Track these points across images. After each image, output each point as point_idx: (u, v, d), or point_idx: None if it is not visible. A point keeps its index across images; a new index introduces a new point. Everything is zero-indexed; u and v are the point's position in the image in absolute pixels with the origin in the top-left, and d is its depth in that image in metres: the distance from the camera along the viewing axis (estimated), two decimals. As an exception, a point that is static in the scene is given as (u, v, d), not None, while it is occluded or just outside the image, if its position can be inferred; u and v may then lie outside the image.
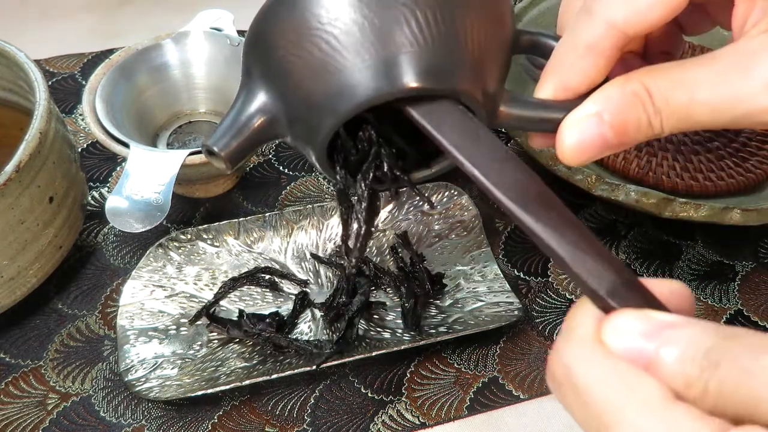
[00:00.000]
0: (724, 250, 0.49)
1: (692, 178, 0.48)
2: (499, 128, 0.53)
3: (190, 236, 0.45)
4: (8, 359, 0.41)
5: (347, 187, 0.28)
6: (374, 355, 0.39)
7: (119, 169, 0.53)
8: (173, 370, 0.39)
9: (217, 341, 0.41)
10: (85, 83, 0.51)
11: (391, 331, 0.42)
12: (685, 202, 0.42)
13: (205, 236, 0.45)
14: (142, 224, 0.39)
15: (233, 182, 0.52)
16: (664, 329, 0.18)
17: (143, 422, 0.39)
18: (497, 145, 0.23)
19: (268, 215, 0.47)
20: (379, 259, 0.46)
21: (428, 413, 0.40)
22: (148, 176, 0.41)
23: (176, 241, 0.45)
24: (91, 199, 0.50)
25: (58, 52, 0.62)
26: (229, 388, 0.38)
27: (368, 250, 0.47)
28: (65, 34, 0.65)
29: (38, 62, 0.48)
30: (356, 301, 0.41)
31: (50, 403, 0.40)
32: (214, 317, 0.42)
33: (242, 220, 0.46)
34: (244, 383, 0.38)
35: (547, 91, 0.25)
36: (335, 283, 0.44)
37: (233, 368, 0.39)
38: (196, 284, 0.44)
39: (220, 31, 0.51)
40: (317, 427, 0.39)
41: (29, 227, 0.38)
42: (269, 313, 0.42)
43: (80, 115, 0.57)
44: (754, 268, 0.48)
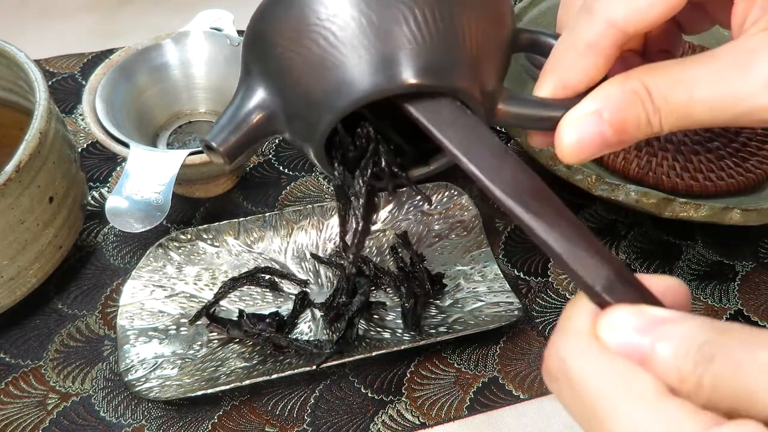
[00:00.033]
0: (724, 250, 0.49)
1: (692, 178, 0.48)
2: (497, 126, 0.53)
3: (190, 236, 0.45)
4: (8, 359, 0.41)
5: (345, 183, 0.28)
6: (374, 355, 0.39)
7: (119, 169, 0.53)
8: (173, 370, 0.39)
9: (217, 341, 0.41)
10: (85, 83, 0.51)
11: (391, 331, 0.42)
12: (685, 202, 0.42)
13: (205, 236, 0.45)
14: (142, 224, 0.39)
15: (233, 182, 0.52)
16: (658, 324, 0.18)
17: (143, 422, 0.39)
18: (495, 141, 0.23)
19: (268, 215, 0.47)
20: (379, 259, 0.46)
21: (428, 413, 0.40)
22: (148, 176, 0.41)
23: (176, 241, 0.45)
24: (91, 199, 0.50)
25: (58, 52, 0.62)
26: (229, 388, 0.38)
27: (368, 250, 0.47)
28: (65, 34, 0.65)
29: (38, 62, 0.48)
30: (356, 301, 0.41)
31: (50, 403, 0.40)
32: (214, 317, 0.42)
33: (242, 220, 0.46)
34: (244, 383, 0.38)
35: (546, 89, 0.25)
36: (335, 283, 0.44)
37: (233, 368, 0.39)
38: (196, 284, 0.44)
39: (220, 31, 0.51)
40: (317, 427, 0.39)
41: (29, 227, 0.38)
42: (269, 313, 0.42)
43: (80, 115, 0.57)
44: (754, 268, 0.48)
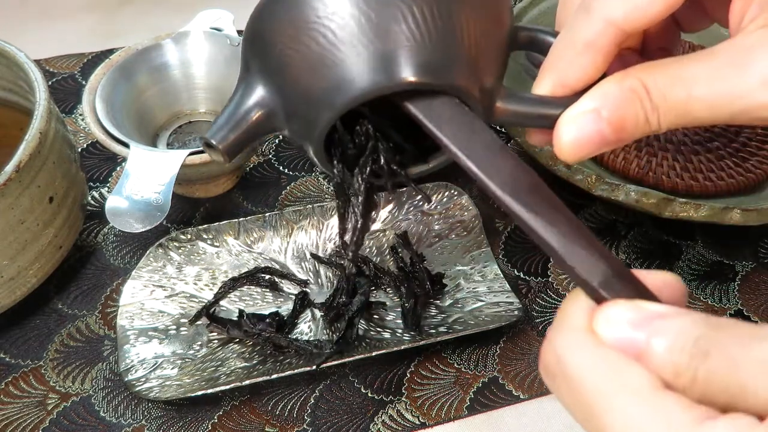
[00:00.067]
0: (724, 250, 0.49)
1: (692, 178, 0.48)
2: (496, 125, 0.53)
3: (190, 236, 0.45)
4: (8, 359, 0.41)
5: (344, 181, 0.28)
6: (374, 355, 0.39)
7: (119, 169, 0.53)
8: (173, 370, 0.39)
9: (217, 341, 0.41)
10: (85, 83, 0.51)
11: (391, 331, 0.42)
12: (685, 202, 0.42)
13: (205, 236, 0.45)
14: (142, 224, 0.39)
15: (233, 182, 0.52)
16: (654, 319, 0.18)
17: (143, 422, 0.39)
18: (492, 138, 0.23)
19: (268, 215, 0.47)
20: (379, 259, 0.46)
21: (428, 413, 0.40)
22: (148, 176, 0.41)
23: (176, 241, 0.45)
24: (91, 199, 0.50)
25: (58, 52, 0.62)
26: (229, 388, 0.38)
27: (368, 250, 0.47)
28: (65, 34, 0.65)
29: (38, 62, 0.48)
30: (356, 301, 0.41)
31: (50, 403, 0.40)
32: (214, 317, 0.42)
33: (242, 220, 0.46)
34: (244, 383, 0.38)
35: (544, 87, 0.25)
36: (335, 283, 0.44)
37: (233, 368, 0.39)
38: (196, 284, 0.44)
39: (220, 31, 0.51)
40: (317, 427, 0.39)
41: (29, 227, 0.38)
42: (269, 313, 0.42)
43: (80, 115, 0.57)
44: (754, 268, 0.48)
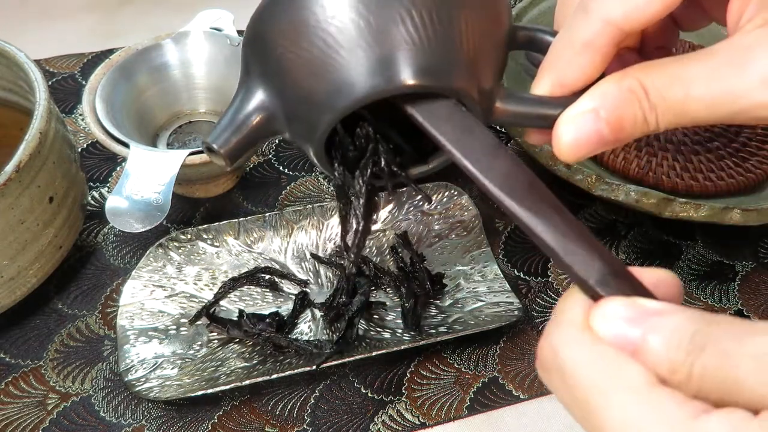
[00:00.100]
0: (724, 250, 0.49)
1: (692, 178, 0.48)
2: (496, 125, 0.53)
3: (190, 236, 0.45)
4: (8, 359, 0.41)
5: (345, 183, 0.28)
6: (374, 355, 0.39)
7: (119, 169, 0.53)
8: (173, 370, 0.39)
9: (217, 341, 0.41)
10: (85, 83, 0.51)
11: (391, 331, 0.42)
12: (685, 202, 0.42)
13: (205, 236, 0.45)
14: (142, 224, 0.39)
15: (233, 182, 0.52)
16: (650, 316, 0.18)
17: (143, 422, 0.39)
18: (489, 138, 0.23)
19: (268, 215, 0.47)
20: (379, 259, 0.46)
21: (428, 413, 0.40)
22: (148, 176, 0.41)
23: (176, 241, 0.45)
24: (91, 199, 0.50)
25: (58, 52, 0.62)
26: (229, 388, 0.38)
27: (368, 250, 0.47)
28: (65, 34, 0.65)
29: (38, 62, 0.48)
30: (356, 301, 0.41)
31: (50, 403, 0.40)
32: (214, 317, 0.42)
33: (242, 220, 0.46)
34: (244, 383, 0.38)
35: (543, 87, 0.25)
36: (335, 283, 0.44)
37: (233, 368, 0.39)
38: (196, 284, 0.44)
39: (220, 31, 0.51)
40: (317, 427, 0.39)
41: (29, 227, 0.38)
42: (269, 313, 0.42)
43: (80, 115, 0.57)
44: (754, 268, 0.48)
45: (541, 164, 0.45)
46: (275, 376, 0.38)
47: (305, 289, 0.44)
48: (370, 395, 0.40)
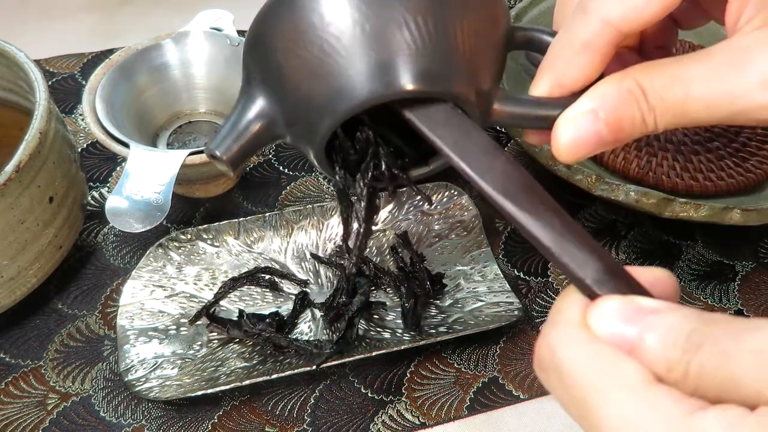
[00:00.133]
0: (724, 250, 0.49)
1: (692, 178, 0.48)
2: (495, 126, 0.53)
3: (190, 236, 0.45)
4: (8, 359, 0.41)
5: (347, 186, 0.28)
6: (374, 355, 0.39)
7: (119, 169, 0.53)
8: (173, 370, 0.39)
9: (217, 341, 0.41)
10: (85, 83, 0.51)
11: (391, 331, 0.42)
12: (685, 202, 0.42)
13: (205, 236, 0.45)
14: (142, 224, 0.39)
15: (233, 182, 0.52)
16: (647, 315, 0.18)
17: (143, 422, 0.39)
18: (486, 140, 0.23)
19: (268, 215, 0.47)
20: (379, 259, 0.46)
21: (428, 413, 0.40)
22: (148, 176, 0.41)
23: (176, 241, 0.45)
24: (91, 199, 0.50)
25: (58, 52, 0.62)
26: (229, 388, 0.38)
27: (368, 250, 0.47)
28: (65, 34, 0.65)
29: (38, 62, 0.48)
30: (356, 301, 0.41)
31: (50, 403, 0.40)
32: (214, 317, 0.42)
33: (242, 220, 0.46)
34: (244, 383, 0.38)
35: (542, 88, 0.25)
36: (335, 283, 0.44)
37: (233, 368, 0.39)
38: (196, 284, 0.44)
39: (220, 31, 0.51)
40: (317, 427, 0.39)
41: (29, 227, 0.38)
42: (269, 313, 0.42)
43: (80, 115, 0.57)
44: (754, 268, 0.48)
45: (541, 164, 0.45)
46: (275, 376, 0.38)
47: (305, 289, 0.44)
48: (370, 395, 0.40)
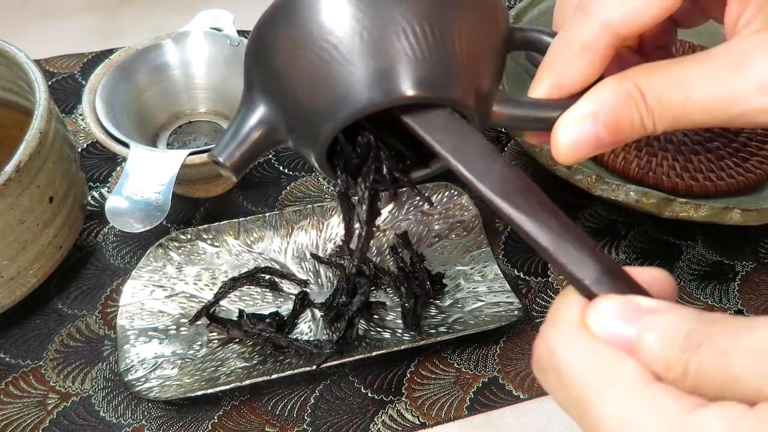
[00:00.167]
0: (724, 250, 0.49)
1: (692, 178, 0.48)
2: (495, 128, 0.53)
3: (190, 236, 0.45)
4: (8, 359, 0.41)
5: (348, 189, 0.28)
6: (374, 355, 0.39)
7: (119, 169, 0.53)
8: (173, 370, 0.39)
9: (217, 341, 0.41)
10: (85, 83, 0.51)
11: (391, 331, 0.42)
12: (685, 202, 0.42)
13: (205, 236, 0.45)
14: (142, 224, 0.39)
15: (233, 182, 0.52)
16: (646, 314, 0.18)
17: (143, 422, 0.39)
18: (483, 143, 0.23)
19: (268, 215, 0.47)
20: (379, 259, 0.46)
21: (428, 413, 0.40)
22: (148, 176, 0.41)
23: (176, 241, 0.45)
24: (91, 199, 0.50)
25: (58, 52, 0.62)
26: (229, 388, 0.38)
27: (368, 250, 0.47)
28: (65, 34, 0.65)
29: (38, 62, 0.48)
30: (356, 301, 0.41)
31: (50, 403, 0.40)
32: (214, 317, 0.42)
33: (242, 220, 0.46)
34: (244, 383, 0.38)
35: (542, 89, 0.25)
36: (335, 283, 0.44)
37: (233, 368, 0.39)
38: (196, 284, 0.44)
39: (220, 31, 0.51)
40: (317, 427, 0.39)
41: (29, 227, 0.38)
42: (269, 313, 0.42)
43: (80, 115, 0.57)
44: (754, 268, 0.48)
45: (541, 164, 0.45)
46: (275, 376, 0.38)
47: (305, 289, 0.44)
48: (370, 395, 0.40)
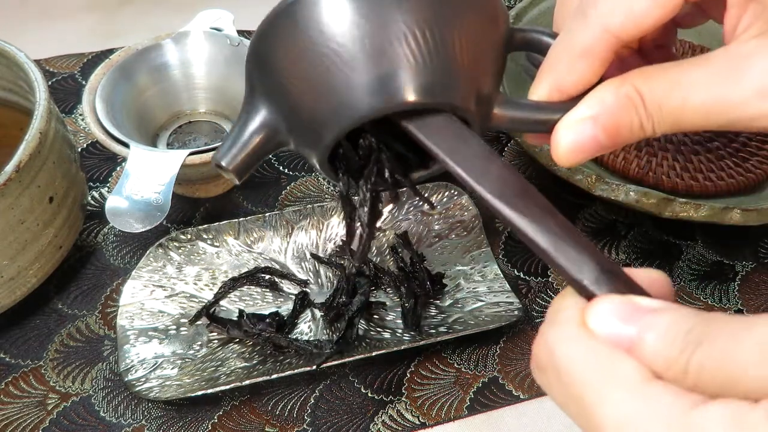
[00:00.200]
0: (724, 250, 0.49)
1: (692, 178, 0.48)
2: (496, 130, 0.53)
3: (190, 236, 0.45)
4: (8, 359, 0.41)
5: (350, 192, 0.28)
6: (374, 355, 0.39)
7: (119, 169, 0.53)
8: (173, 370, 0.39)
9: (217, 341, 0.41)
10: (85, 83, 0.51)
11: (391, 331, 0.42)
12: (685, 202, 0.42)
13: (205, 236, 0.45)
14: (142, 224, 0.39)
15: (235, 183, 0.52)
16: (646, 314, 0.18)
17: (143, 422, 0.39)
18: (483, 147, 0.24)
19: (268, 215, 0.47)
20: (379, 259, 0.46)
21: (428, 413, 0.40)
22: (148, 176, 0.41)
23: (176, 241, 0.45)
24: (91, 199, 0.50)
25: (58, 52, 0.62)
26: (229, 388, 0.38)
27: (369, 251, 0.47)
28: (65, 34, 0.65)
29: (38, 62, 0.48)
30: (356, 301, 0.41)
31: (50, 403, 0.40)
32: (214, 317, 0.42)
33: (242, 220, 0.46)
34: (244, 383, 0.38)
35: (542, 92, 0.25)
36: (335, 283, 0.44)
37: (233, 368, 0.39)
38: (196, 284, 0.44)
39: (220, 31, 0.51)
40: (317, 427, 0.39)
41: (29, 227, 0.38)
42: (269, 313, 0.42)
43: (80, 115, 0.57)
44: (754, 268, 0.48)
45: (541, 164, 0.45)
46: (275, 376, 0.38)
47: (305, 289, 0.44)
48: (370, 395, 0.40)
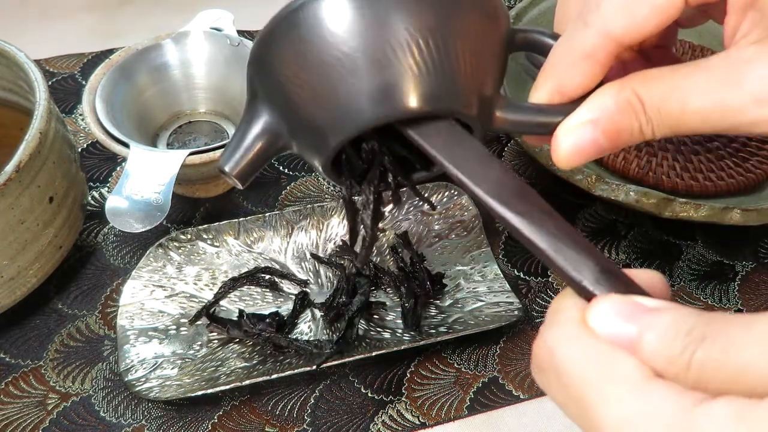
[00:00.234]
0: (724, 250, 0.49)
1: (692, 178, 0.48)
2: (496, 132, 0.53)
3: (190, 236, 0.45)
4: (8, 359, 0.41)
5: (353, 195, 0.28)
6: (374, 355, 0.39)
7: (119, 169, 0.53)
8: (173, 370, 0.39)
9: (217, 341, 0.41)
10: (85, 83, 0.51)
11: (391, 331, 0.42)
12: (685, 202, 0.42)
13: (205, 236, 0.45)
14: (142, 224, 0.39)
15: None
16: (646, 313, 0.18)
17: (143, 422, 0.39)
18: (480, 150, 0.24)
19: (268, 215, 0.47)
20: (379, 259, 0.46)
21: (428, 413, 0.40)
22: (148, 176, 0.41)
23: (176, 241, 0.45)
24: (91, 199, 0.50)
25: (58, 52, 0.62)
26: (229, 388, 0.38)
27: (372, 253, 0.47)
28: (65, 34, 0.65)
29: (38, 62, 0.48)
30: (356, 301, 0.41)
31: (50, 403, 0.40)
32: (214, 317, 0.42)
33: (242, 220, 0.46)
34: (244, 383, 0.38)
35: (542, 95, 0.25)
36: (335, 283, 0.44)
37: (233, 368, 0.39)
38: (196, 284, 0.44)
39: (220, 31, 0.51)
40: (317, 427, 0.39)
41: (29, 227, 0.38)
42: (269, 313, 0.42)
43: (80, 115, 0.57)
44: (754, 268, 0.48)
45: (541, 164, 0.45)
46: (275, 376, 0.38)
47: (305, 289, 0.44)
48: (370, 395, 0.40)
